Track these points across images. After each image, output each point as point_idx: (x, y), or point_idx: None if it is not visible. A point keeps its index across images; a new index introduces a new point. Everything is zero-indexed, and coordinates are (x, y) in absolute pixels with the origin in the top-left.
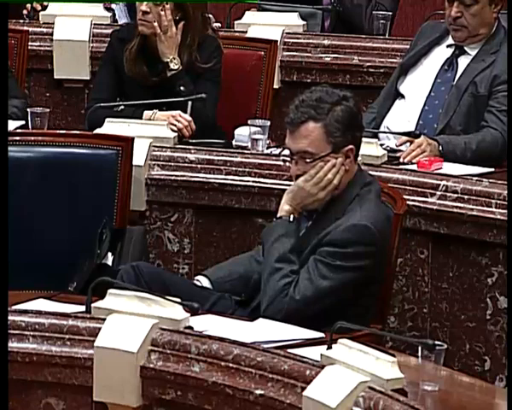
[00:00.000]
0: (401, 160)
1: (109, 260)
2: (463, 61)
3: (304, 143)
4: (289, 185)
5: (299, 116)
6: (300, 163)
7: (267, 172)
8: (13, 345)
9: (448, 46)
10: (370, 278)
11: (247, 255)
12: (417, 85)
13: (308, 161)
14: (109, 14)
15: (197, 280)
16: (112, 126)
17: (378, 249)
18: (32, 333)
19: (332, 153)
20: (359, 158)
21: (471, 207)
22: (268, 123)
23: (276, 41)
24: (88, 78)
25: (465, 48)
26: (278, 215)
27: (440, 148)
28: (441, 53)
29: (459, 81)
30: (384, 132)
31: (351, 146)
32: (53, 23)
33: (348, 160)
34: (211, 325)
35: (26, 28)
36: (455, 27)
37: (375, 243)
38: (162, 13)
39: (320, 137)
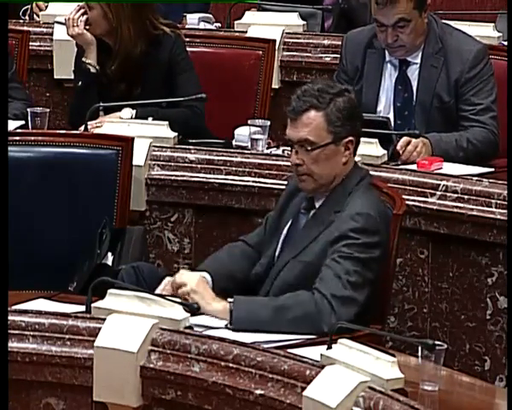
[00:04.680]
0: (397, 148)
1: (109, 260)
2: (413, 72)
3: (305, 131)
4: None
5: (301, 104)
6: (301, 152)
7: (267, 172)
8: (13, 345)
9: (389, 62)
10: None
11: (240, 256)
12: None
13: (309, 149)
14: None
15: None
16: (112, 126)
17: (383, 239)
18: (31, 333)
19: (332, 143)
20: (359, 158)
21: (471, 207)
22: (268, 123)
23: (275, 40)
24: None
25: (408, 59)
26: (222, 316)
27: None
28: (387, 72)
29: (420, 97)
30: (384, 132)
31: (350, 138)
32: (53, 23)
33: (347, 151)
34: (211, 325)
35: (26, 28)
36: (392, 49)
37: (379, 231)
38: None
39: (321, 126)
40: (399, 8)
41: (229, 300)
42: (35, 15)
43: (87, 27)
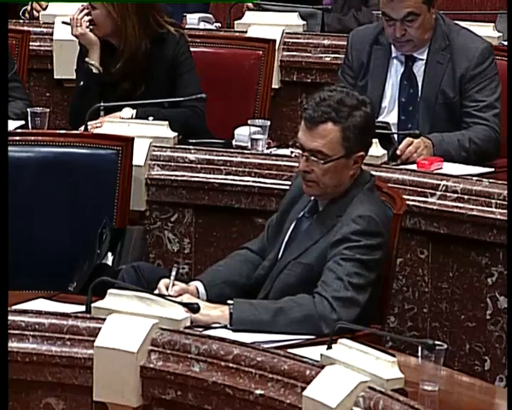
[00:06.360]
0: (397, 152)
1: (109, 260)
2: (419, 68)
3: (319, 142)
4: (288, 185)
5: (320, 115)
6: (311, 161)
7: (267, 172)
8: (13, 345)
9: (395, 58)
10: (380, 269)
11: (240, 260)
12: (382, 113)
13: (321, 161)
14: None
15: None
16: (112, 126)
17: (385, 241)
18: (32, 333)
19: (343, 157)
20: None
21: (471, 207)
22: (268, 123)
23: (275, 40)
24: None
25: (414, 55)
26: (223, 323)
27: (433, 147)
28: (393, 68)
29: (425, 93)
30: (384, 133)
31: (362, 153)
32: (53, 23)
33: (356, 165)
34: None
35: (26, 28)
36: (400, 44)
37: (381, 233)
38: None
39: (336, 140)
40: (409, 2)
41: (229, 302)
42: (35, 11)
43: (91, 27)
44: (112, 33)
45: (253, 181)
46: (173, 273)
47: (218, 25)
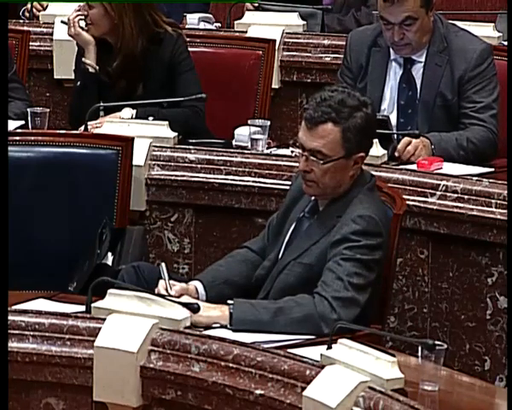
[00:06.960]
0: (396, 153)
1: (109, 260)
2: (417, 70)
3: (319, 142)
4: (288, 185)
5: (320, 115)
6: (311, 161)
7: (267, 172)
8: (13, 345)
9: (394, 60)
10: (380, 269)
11: (240, 260)
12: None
13: (320, 161)
14: None
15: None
16: (112, 126)
17: (385, 241)
18: (32, 333)
19: (343, 158)
20: None
21: (471, 207)
22: (268, 123)
23: (275, 40)
24: None
25: (413, 57)
26: (223, 323)
27: (432, 146)
28: (391, 71)
29: (423, 95)
30: (384, 132)
31: (362, 154)
32: (53, 23)
33: (356, 166)
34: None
35: (26, 28)
36: (398, 47)
37: (381, 233)
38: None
39: (336, 141)
40: (407, 6)
41: (229, 302)
42: (35, 10)
43: (87, 27)
44: (109, 32)
45: (253, 181)
46: (163, 272)
47: (218, 25)
